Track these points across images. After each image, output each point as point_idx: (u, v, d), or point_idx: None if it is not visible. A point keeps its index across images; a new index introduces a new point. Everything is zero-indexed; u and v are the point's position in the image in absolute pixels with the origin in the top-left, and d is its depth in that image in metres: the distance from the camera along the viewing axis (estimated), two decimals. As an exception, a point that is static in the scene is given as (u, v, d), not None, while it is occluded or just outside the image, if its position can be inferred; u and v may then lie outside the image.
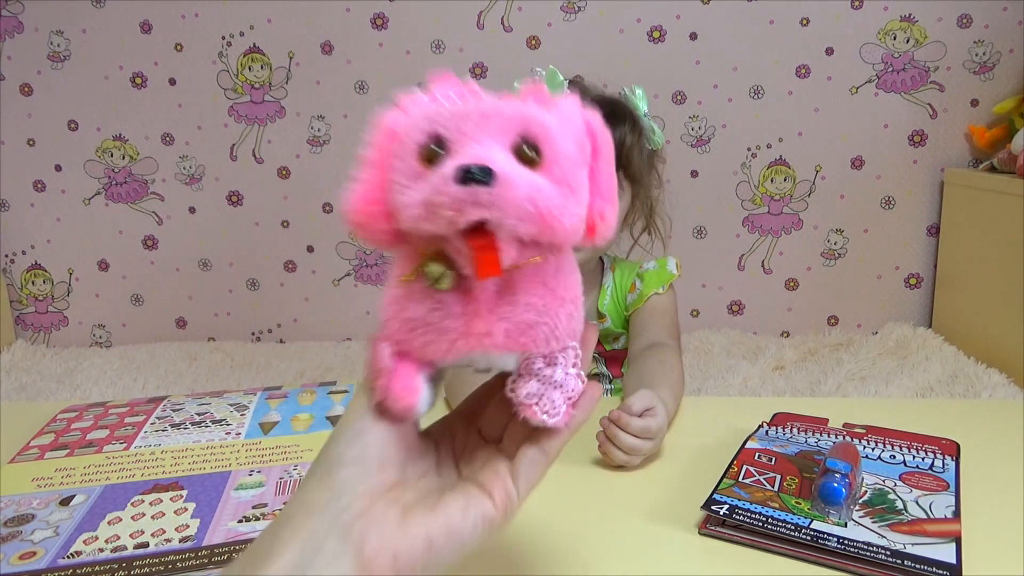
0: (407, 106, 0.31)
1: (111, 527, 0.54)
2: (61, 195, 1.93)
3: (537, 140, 0.29)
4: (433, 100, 0.31)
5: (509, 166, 0.28)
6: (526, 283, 0.30)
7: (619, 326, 0.96)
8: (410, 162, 0.28)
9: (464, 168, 0.26)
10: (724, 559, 0.50)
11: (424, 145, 0.28)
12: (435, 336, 0.30)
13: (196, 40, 1.82)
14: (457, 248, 0.28)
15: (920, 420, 0.71)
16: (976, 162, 1.77)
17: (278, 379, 1.69)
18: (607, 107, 0.85)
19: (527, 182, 0.28)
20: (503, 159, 0.28)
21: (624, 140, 0.85)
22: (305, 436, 0.69)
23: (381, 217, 0.30)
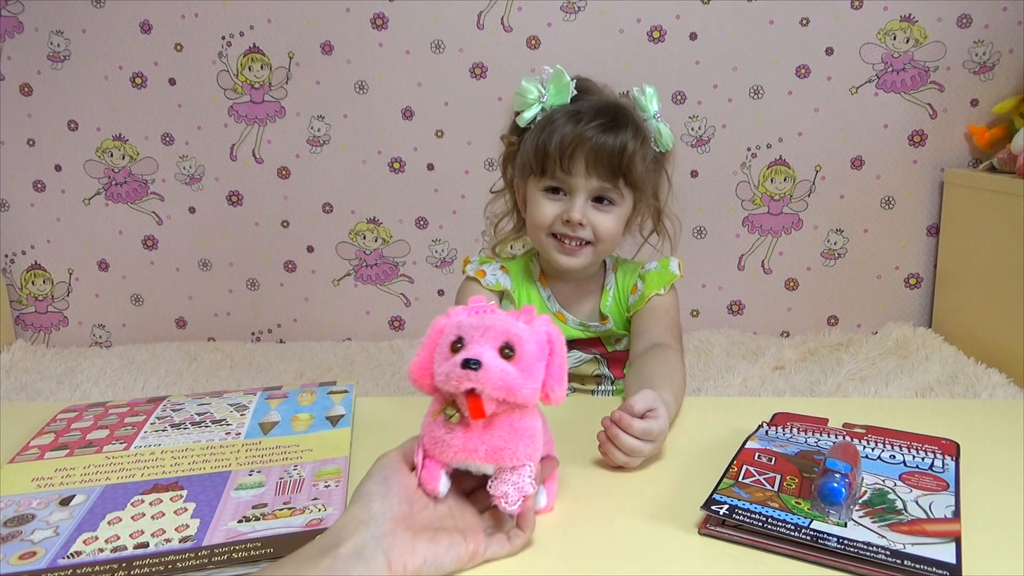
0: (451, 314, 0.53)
1: (111, 527, 0.54)
2: (61, 195, 1.93)
3: (513, 344, 0.49)
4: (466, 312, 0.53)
5: (492, 360, 0.48)
6: (500, 424, 0.51)
7: (621, 327, 0.96)
8: (444, 350, 0.50)
9: (465, 359, 0.48)
10: (724, 559, 0.50)
11: (454, 341, 0.50)
12: (446, 449, 0.51)
13: (196, 40, 1.82)
14: (462, 401, 0.49)
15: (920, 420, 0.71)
16: (976, 162, 1.77)
17: (278, 379, 1.69)
18: (610, 113, 0.84)
19: (500, 369, 0.48)
20: (490, 355, 0.49)
21: (625, 148, 0.84)
22: (305, 436, 0.69)
23: (427, 377, 0.52)
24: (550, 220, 0.87)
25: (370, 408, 0.78)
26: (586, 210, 0.86)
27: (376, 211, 1.92)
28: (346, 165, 1.89)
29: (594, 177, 0.85)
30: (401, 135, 1.86)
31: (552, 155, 0.84)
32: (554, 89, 0.87)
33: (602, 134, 0.83)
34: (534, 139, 0.86)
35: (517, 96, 0.89)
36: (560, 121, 0.84)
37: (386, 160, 1.88)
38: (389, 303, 1.98)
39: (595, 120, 0.83)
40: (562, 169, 0.84)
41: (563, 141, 0.83)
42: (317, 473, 0.62)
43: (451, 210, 1.89)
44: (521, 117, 0.88)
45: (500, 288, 0.94)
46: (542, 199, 0.87)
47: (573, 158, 0.84)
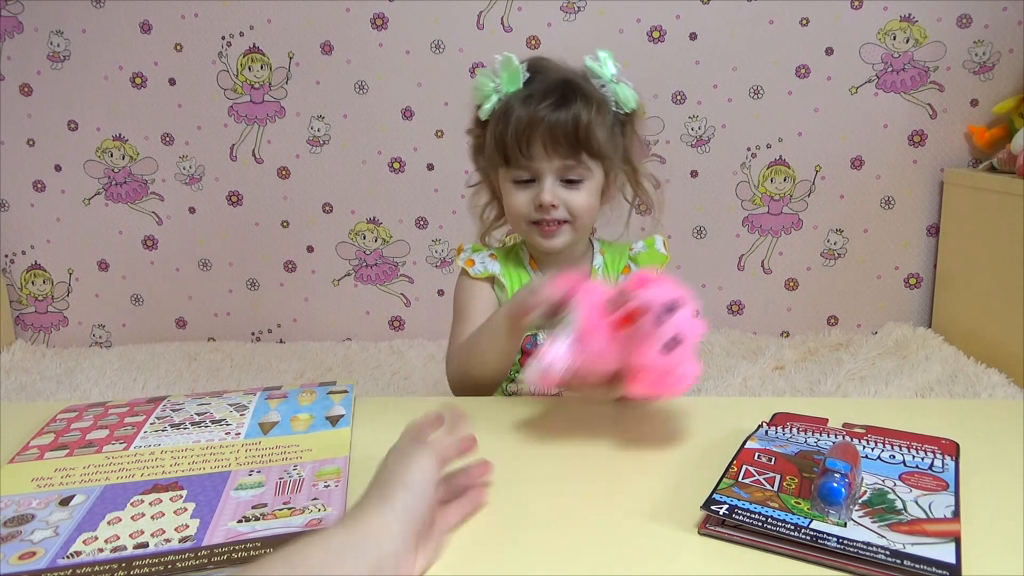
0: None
1: (111, 527, 0.54)
2: (61, 195, 1.93)
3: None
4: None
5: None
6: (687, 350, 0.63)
7: None
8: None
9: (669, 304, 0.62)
10: (724, 559, 0.50)
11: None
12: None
13: (196, 40, 1.82)
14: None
15: (920, 420, 0.71)
16: (976, 162, 1.77)
17: (278, 379, 1.69)
18: (558, 90, 0.85)
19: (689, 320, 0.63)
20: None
21: (579, 120, 0.83)
22: (305, 436, 0.69)
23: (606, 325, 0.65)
24: (524, 209, 0.88)
25: (370, 408, 0.78)
26: (555, 191, 0.86)
27: (376, 211, 1.92)
28: (346, 165, 1.89)
29: (556, 157, 0.85)
30: (401, 135, 1.86)
31: (511, 144, 0.85)
32: (506, 76, 0.87)
33: (553, 112, 0.83)
34: (492, 130, 0.88)
35: (475, 91, 0.90)
36: (513, 107, 0.85)
37: (386, 160, 1.88)
38: (389, 303, 1.98)
39: (545, 100, 0.84)
40: (523, 155, 0.85)
41: (518, 127, 0.84)
42: (317, 473, 0.62)
43: (451, 210, 1.89)
44: (482, 110, 0.89)
45: (488, 275, 0.95)
46: (512, 190, 0.89)
47: (531, 142, 0.84)
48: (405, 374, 1.69)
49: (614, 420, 0.74)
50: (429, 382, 1.65)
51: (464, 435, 0.56)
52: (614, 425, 0.73)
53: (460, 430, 0.57)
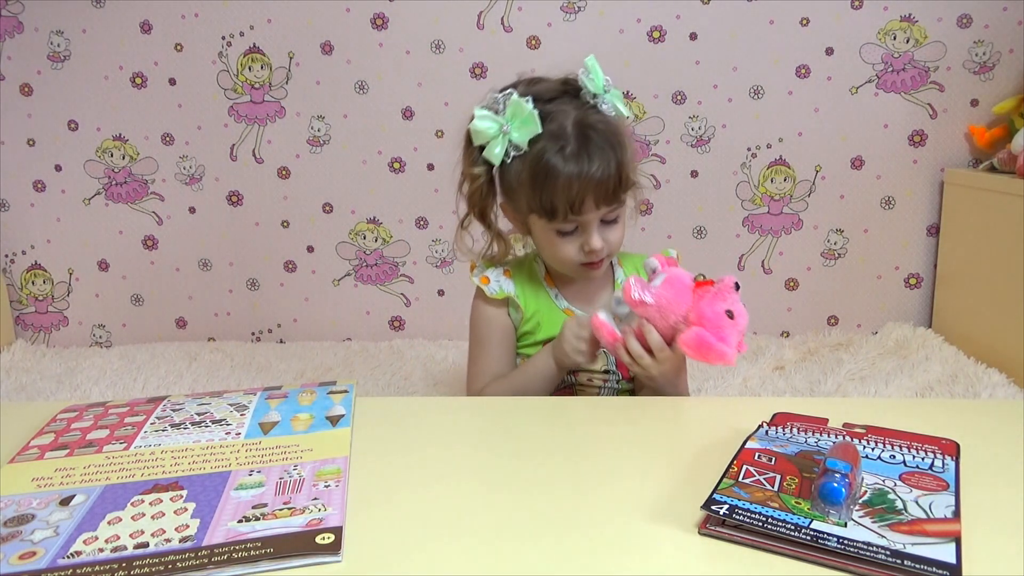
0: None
1: (111, 527, 0.54)
2: (61, 195, 1.93)
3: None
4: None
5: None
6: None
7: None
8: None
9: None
10: (724, 559, 0.50)
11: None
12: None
13: (196, 40, 1.82)
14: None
15: (920, 420, 0.71)
16: (976, 162, 1.77)
17: (278, 379, 1.69)
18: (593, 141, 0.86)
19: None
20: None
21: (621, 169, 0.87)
22: (305, 436, 0.69)
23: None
24: (574, 256, 0.91)
25: (370, 408, 0.78)
26: (601, 234, 0.90)
27: (376, 211, 1.92)
28: (346, 165, 1.88)
29: (603, 206, 0.88)
30: (401, 135, 1.86)
31: (560, 204, 0.86)
32: (518, 123, 0.87)
33: (598, 169, 0.85)
34: (532, 188, 0.87)
35: (476, 133, 0.89)
36: (556, 166, 0.85)
37: (386, 160, 1.88)
38: (389, 303, 1.98)
39: (587, 156, 0.85)
40: (573, 212, 0.87)
41: (569, 190, 0.85)
42: (317, 473, 0.62)
43: (451, 210, 1.87)
44: (491, 154, 0.89)
45: (504, 295, 0.96)
46: (558, 240, 0.91)
47: (584, 202, 0.87)
48: (405, 374, 1.69)
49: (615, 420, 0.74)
50: (429, 382, 1.65)
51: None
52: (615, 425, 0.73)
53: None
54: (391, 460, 0.66)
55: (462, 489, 0.61)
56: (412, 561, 0.51)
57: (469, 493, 0.60)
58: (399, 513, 0.57)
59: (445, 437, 0.70)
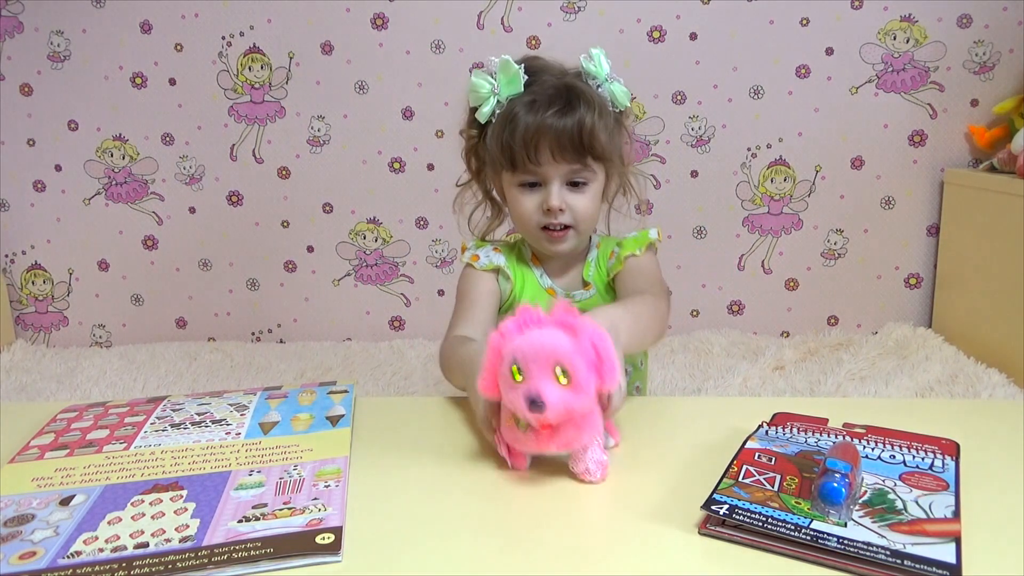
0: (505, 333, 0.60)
1: (111, 527, 0.54)
2: (61, 195, 1.93)
3: (565, 367, 0.56)
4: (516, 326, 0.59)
5: (552, 396, 0.56)
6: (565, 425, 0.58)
7: (603, 293, 0.98)
8: (507, 377, 0.58)
9: (529, 399, 0.55)
10: (724, 559, 0.50)
11: (511, 367, 0.57)
12: (524, 444, 0.61)
13: (196, 40, 1.82)
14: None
15: (920, 420, 0.71)
16: (976, 162, 1.77)
17: (278, 379, 1.69)
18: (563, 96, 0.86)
19: (560, 400, 0.56)
20: (550, 391, 0.56)
21: (583, 126, 0.85)
22: (305, 436, 0.69)
23: (496, 392, 0.60)
24: (532, 213, 0.90)
25: (370, 408, 0.78)
26: (563, 195, 0.88)
27: (376, 211, 1.92)
28: (346, 165, 1.89)
29: (563, 162, 0.87)
30: (401, 135, 1.86)
31: (518, 150, 0.86)
32: (505, 80, 0.88)
33: (560, 118, 0.85)
34: (497, 136, 0.88)
35: (471, 92, 0.91)
36: (519, 114, 0.86)
37: (386, 160, 1.88)
38: (389, 303, 1.98)
39: (551, 107, 0.85)
40: (531, 161, 0.86)
41: (526, 134, 0.85)
42: (317, 473, 0.62)
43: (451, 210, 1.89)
44: (480, 113, 0.90)
45: (494, 267, 0.96)
46: (519, 195, 0.90)
47: (539, 149, 0.86)
48: (405, 374, 1.69)
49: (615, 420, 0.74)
50: (429, 382, 1.65)
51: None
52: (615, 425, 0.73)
53: None
54: (391, 460, 0.66)
55: (462, 489, 0.61)
56: (412, 561, 0.51)
57: (469, 493, 0.60)
58: (399, 513, 0.57)
59: (445, 437, 0.70)
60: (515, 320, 0.59)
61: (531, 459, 0.63)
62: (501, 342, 0.59)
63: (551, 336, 0.57)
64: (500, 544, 0.53)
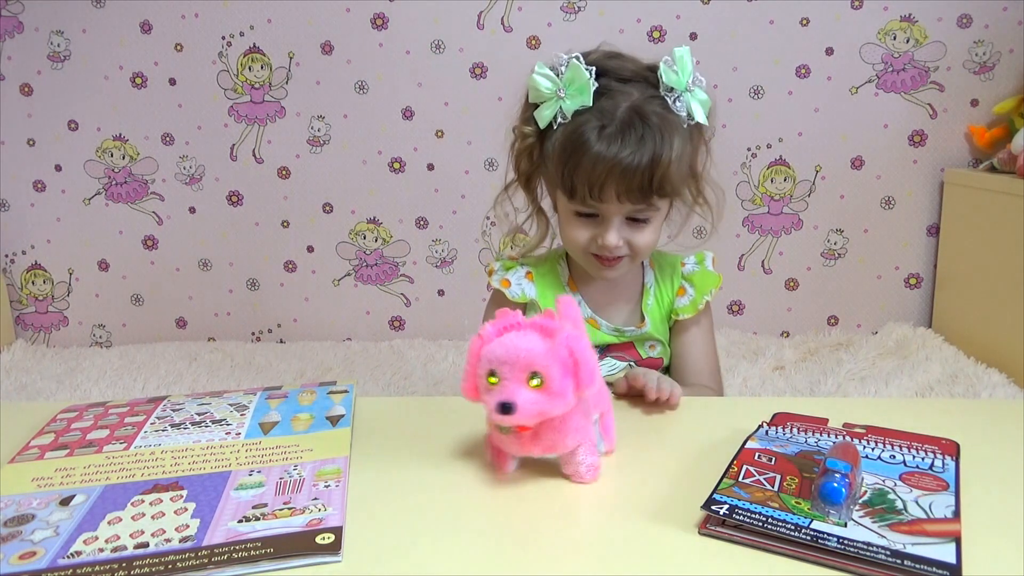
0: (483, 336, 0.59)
1: (111, 527, 0.54)
2: (61, 195, 1.93)
3: (539, 372, 0.55)
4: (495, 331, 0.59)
5: (524, 399, 0.55)
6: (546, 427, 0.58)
7: (658, 330, 0.93)
8: (483, 381, 0.58)
9: (500, 404, 0.55)
10: (724, 559, 0.50)
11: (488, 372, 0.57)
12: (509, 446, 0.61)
13: (196, 40, 1.82)
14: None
15: (920, 420, 0.71)
16: (976, 162, 1.77)
17: (278, 379, 1.69)
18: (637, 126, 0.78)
19: (532, 403, 0.55)
20: (522, 394, 0.55)
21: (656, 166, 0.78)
22: (305, 436, 0.69)
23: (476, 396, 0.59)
24: (585, 243, 0.85)
25: (370, 408, 0.78)
26: (621, 231, 0.83)
27: (376, 211, 1.92)
28: (346, 165, 1.89)
29: (627, 202, 0.81)
30: (401, 135, 1.86)
31: (580, 185, 0.80)
32: (572, 88, 0.80)
33: (632, 157, 0.77)
34: (558, 159, 0.81)
35: (531, 89, 0.83)
36: (587, 141, 0.78)
37: (386, 160, 1.88)
38: (389, 303, 1.98)
39: (623, 141, 0.77)
40: (592, 197, 0.80)
41: (592, 172, 0.78)
42: (317, 473, 0.62)
43: (451, 210, 1.89)
44: (540, 115, 0.82)
45: (525, 300, 0.92)
46: (575, 221, 0.84)
47: (604, 187, 0.79)
48: (405, 374, 1.69)
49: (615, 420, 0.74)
50: (429, 382, 1.65)
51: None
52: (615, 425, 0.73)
53: None
54: (391, 460, 0.66)
55: (462, 489, 0.61)
56: (412, 561, 0.51)
57: (469, 493, 0.60)
58: (399, 513, 0.57)
59: (445, 437, 0.70)
60: (494, 324, 0.59)
61: (519, 462, 0.63)
62: (480, 346, 0.59)
63: (525, 340, 0.56)
64: (500, 544, 0.53)
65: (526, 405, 0.55)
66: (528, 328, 0.58)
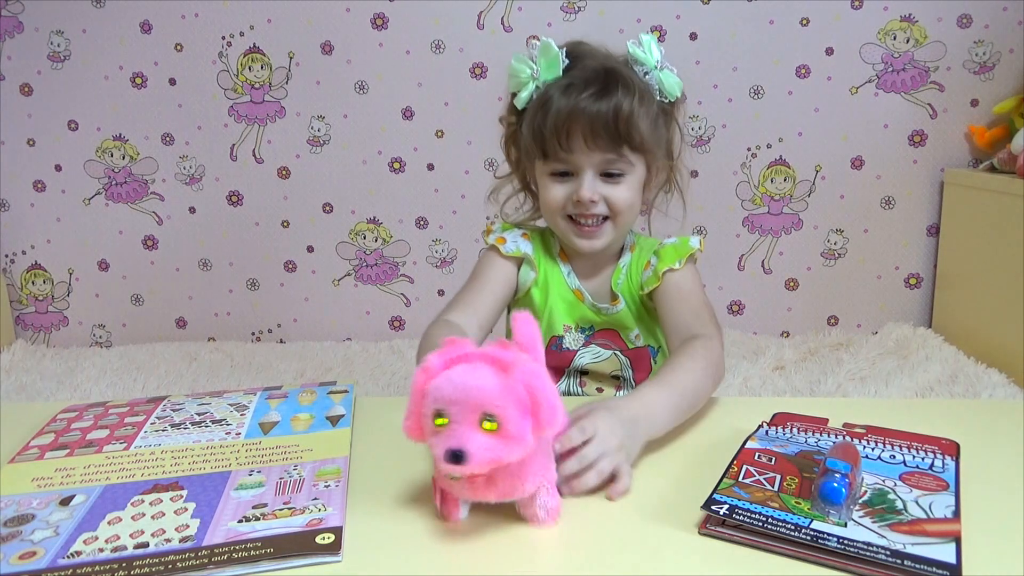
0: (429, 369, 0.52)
1: (111, 527, 0.54)
2: (61, 195, 1.93)
3: (493, 414, 0.48)
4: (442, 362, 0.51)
5: (476, 446, 0.48)
6: (502, 472, 0.51)
7: (633, 311, 0.92)
8: (430, 422, 0.50)
9: (449, 451, 0.48)
10: (724, 559, 0.50)
11: (435, 413, 0.50)
12: (460, 491, 0.53)
13: (196, 40, 1.82)
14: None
15: (920, 420, 0.71)
16: (976, 162, 1.77)
17: (278, 379, 1.69)
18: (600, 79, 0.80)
19: (485, 450, 0.48)
20: (474, 441, 0.48)
21: (619, 112, 0.78)
22: (305, 436, 0.69)
23: (422, 436, 0.52)
24: (561, 203, 0.84)
25: (370, 408, 0.78)
26: (595, 186, 0.82)
27: (376, 211, 1.92)
28: (346, 165, 1.89)
29: (596, 150, 0.81)
30: (401, 135, 1.86)
31: (549, 136, 0.81)
32: (544, 63, 0.82)
33: (594, 102, 0.78)
34: (530, 121, 0.83)
35: (511, 78, 0.85)
36: (552, 97, 0.80)
37: (386, 160, 1.88)
38: (389, 303, 1.98)
39: (586, 90, 0.79)
40: (562, 148, 0.81)
41: (557, 119, 0.79)
42: (317, 473, 0.62)
43: (451, 210, 1.89)
44: (518, 98, 0.85)
45: (520, 254, 0.90)
46: (550, 183, 0.85)
47: (570, 135, 0.80)
48: (405, 374, 1.69)
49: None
50: (429, 382, 1.65)
51: None
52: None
53: None
54: (391, 460, 0.66)
55: (462, 489, 0.61)
56: (412, 561, 0.51)
57: (469, 493, 0.60)
58: (399, 513, 0.57)
59: (445, 437, 0.70)
60: (440, 354, 0.52)
61: (469, 508, 0.55)
62: (425, 380, 0.51)
63: (477, 376, 0.49)
64: (500, 544, 0.53)
65: (479, 452, 0.48)
66: (479, 360, 0.50)
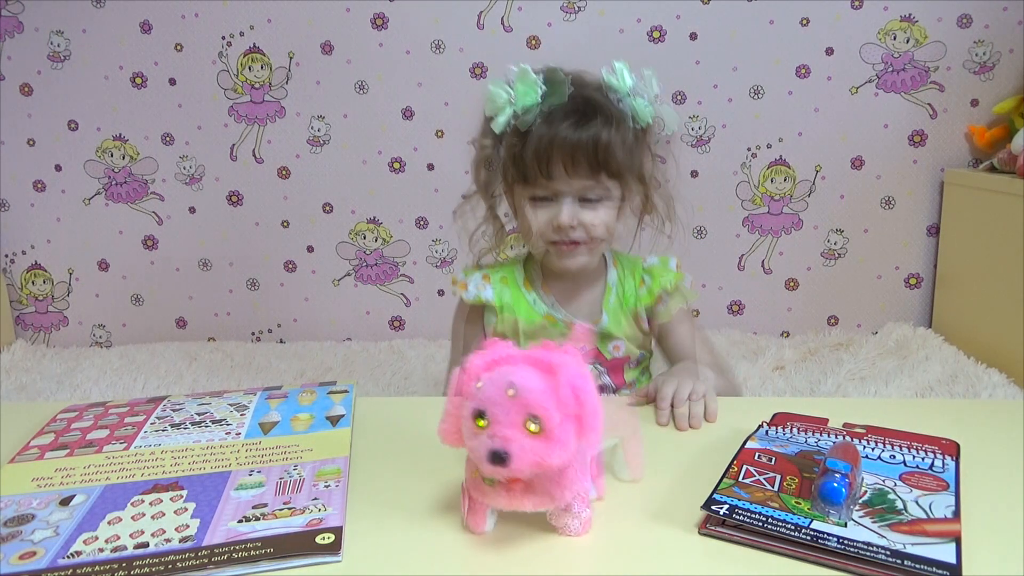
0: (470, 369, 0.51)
1: (111, 527, 0.54)
2: (61, 195, 1.93)
3: (538, 415, 0.47)
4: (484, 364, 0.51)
5: (519, 447, 0.47)
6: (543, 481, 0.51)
7: (619, 328, 0.95)
8: (469, 422, 0.49)
9: (492, 452, 0.47)
10: (724, 559, 0.50)
11: (476, 413, 0.49)
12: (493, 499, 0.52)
13: (196, 40, 1.82)
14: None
15: (920, 420, 0.71)
16: (976, 162, 1.77)
17: (278, 379, 1.69)
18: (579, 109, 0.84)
19: (529, 451, 0.47)
20: (517, 442, 0.47)
21: (598, 141, 0.83)
22: (305, 436, 0.69)
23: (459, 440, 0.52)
24: (543, 228, 0.87)
25: (370, 408, 0.78)
26: (575, 211, 0.86)
27: (376, 211, 1.92)
28: (346, 165, 1.88)
29: (576, 177, 0.84)
30: (401, 135, 1.86)
31: (530, 163, 0.84)
32: (521, 88, 0.85)
33: (574, 131, 0.82)
34: (510, 147, 0.86)
35: (488, 102, 0.88)
36: (533, 124, 0.84)
37: (386, 160, 1.88)
38: (389, 303, 1.98)
39: (565, 120, 0.83)
40: (543, 175, 0.84)
41: (538, 147, 0.83)
42: (317, 473, 0.62)
43: (451, 210, 1.88)
44: (495, 123, 0.87)
45: (481, 301, 0.95)
46: (530, 208, 0.88)
47: (551, 163, 0.83)
48: (405, 374, 1.69)
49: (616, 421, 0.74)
50: (429, 382, 1.65)
51: None
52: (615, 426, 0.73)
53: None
54: (391, 460, 0.66)
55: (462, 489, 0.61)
56: (412, 561, 0.51)
57: (469, 493, 0.60)
58: (399, 513, 0.57)
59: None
60: (482, 355, 0.51)
61: (496, 518, 0.54)
62: (465, 381, 0.51)
63: (522, 377, 0.48)
64: (500, 544, 0.53)
65: (522, 454, 0.47)
66: (523, 362, 0.50)
